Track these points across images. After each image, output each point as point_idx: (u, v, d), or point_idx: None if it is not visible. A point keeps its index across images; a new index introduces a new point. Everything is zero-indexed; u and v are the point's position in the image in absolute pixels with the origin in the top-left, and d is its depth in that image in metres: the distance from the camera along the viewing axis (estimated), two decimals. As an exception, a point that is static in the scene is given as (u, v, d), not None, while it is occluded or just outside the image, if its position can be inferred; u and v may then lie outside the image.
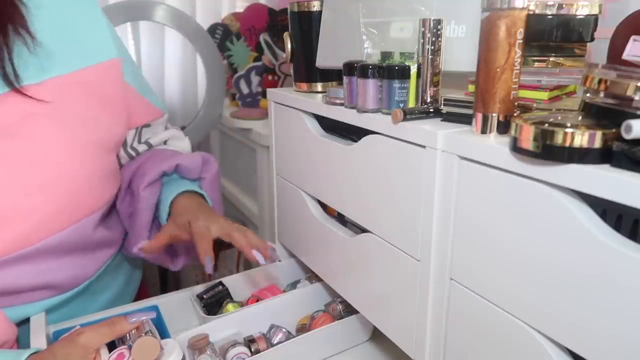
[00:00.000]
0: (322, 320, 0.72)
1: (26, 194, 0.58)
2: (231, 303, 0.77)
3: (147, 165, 0.75)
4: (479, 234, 0.43)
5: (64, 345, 0.54)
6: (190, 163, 0.77)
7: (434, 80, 0.52)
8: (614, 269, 0.33)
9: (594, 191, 0.33)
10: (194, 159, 0.78)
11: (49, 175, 0.60)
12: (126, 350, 0.56)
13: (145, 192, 0.73)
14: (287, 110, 0.75)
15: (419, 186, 0.49)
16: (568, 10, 0.45)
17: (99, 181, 0.67)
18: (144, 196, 0.73)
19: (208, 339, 0.66)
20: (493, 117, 0.42)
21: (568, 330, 0.37)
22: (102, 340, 0.55)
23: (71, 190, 0.62)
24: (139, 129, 0.79)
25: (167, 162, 0.75)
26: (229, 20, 1.89)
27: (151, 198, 0.74)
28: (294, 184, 0.77)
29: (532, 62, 0.47)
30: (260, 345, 0.68)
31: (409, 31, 0.57)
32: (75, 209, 0.64)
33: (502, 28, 0.40)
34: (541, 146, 0.35)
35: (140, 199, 0.73)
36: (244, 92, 1.66)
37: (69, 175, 0.62)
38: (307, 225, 0.74)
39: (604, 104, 0.36)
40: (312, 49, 0.73)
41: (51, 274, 0.65)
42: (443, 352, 0.50)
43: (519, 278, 0.40)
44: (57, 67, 0.62)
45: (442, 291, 0.49)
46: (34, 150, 0.59)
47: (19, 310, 0.64)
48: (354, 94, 0.57)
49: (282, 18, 1.56)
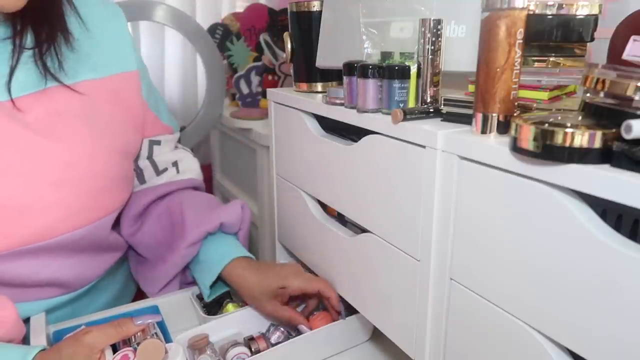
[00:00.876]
0: (321, 317, 0.72)
1: (55, 188, 0.61)
2: (231, 303, 0.77)
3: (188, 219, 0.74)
4: (479, 234, 0.43)
5: (70, 343, 0.54)
6: (231, 219, 0.75)
7: (434, 80, 0.52)
8: (614, 269, 0.33)
9: (594, 191, 0.33)
10: (233, 212, 0.76)
11: (78, 172, 0.62)
12: (131, 352, 0.56)
13: (187, 250, 0.73)
14: (287, 110, 0.75)
15: (419, 186, 0.49)
16: (568, 10, 0.45)
17: (117, 183, 0.69)
18: (184, 254, 0.73)
19: (208, 339, 0.66)
20: (493, 117, 0.42)
21: (568, 330, 0.37)
22: (107, 340, 0.55)
23: (95, 188, 0.65)
24: (150, 145, 0.79)
25: (210, 221, 0.73)
26: (229, 20, 1.89)
27: (190, 256, 0.74)
28: (294, 184, 0.77)
29: (532, 62, 0.47)
30: (260, 344, 0.68)
31: (409, 31, 0.57)
32: (97, 208, 0.66)
33: (502, 28, 0.40)
34: (541, 146, 0.35)
35: (180, 256, 0.73)
36: (244, 92, 1.66)
37: (94, 174, 0.64)
38: (307, 225, 0.74)
39: (604, 104, 0.36)
40: (312, 49, 0.73)
41: (62, 270, 0.66)
42: (443, 352, 0.50)
43: (519, 278, 0.40)
44: (90, 71, 0.65)
45: (442, 291, 0.49)
46: (63, 147, 0.61)
47: (24, 307, 0.65)
48: (354, 94, 0.57)
49: (282, 18, 1.56)
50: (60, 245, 0.64)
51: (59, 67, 0.61)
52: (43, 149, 0.60)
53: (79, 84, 0.64)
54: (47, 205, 0.61)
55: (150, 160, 0.79)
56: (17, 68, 0.59)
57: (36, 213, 0.60)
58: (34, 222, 0.60)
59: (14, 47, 0.59)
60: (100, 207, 0.67)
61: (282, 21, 1.56)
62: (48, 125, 0.61)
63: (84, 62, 0.65)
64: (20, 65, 0.60)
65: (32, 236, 0.61)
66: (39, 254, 0.63)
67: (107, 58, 0.69)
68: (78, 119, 0.63)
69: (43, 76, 0.60)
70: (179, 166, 0.83)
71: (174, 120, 0.84)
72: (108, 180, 0.66)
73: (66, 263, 0.66)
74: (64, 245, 0.64)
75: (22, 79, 0.60)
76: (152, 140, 0.79)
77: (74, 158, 0.62)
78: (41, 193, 0.60)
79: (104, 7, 0.72)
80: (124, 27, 0.73)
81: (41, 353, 0.54)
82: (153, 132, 0.79)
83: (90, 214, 0.65)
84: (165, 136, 0.81)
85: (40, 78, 0.60)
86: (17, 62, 0.59)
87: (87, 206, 0.64)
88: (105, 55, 0.68)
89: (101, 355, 0.55)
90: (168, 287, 0.78)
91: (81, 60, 0.65)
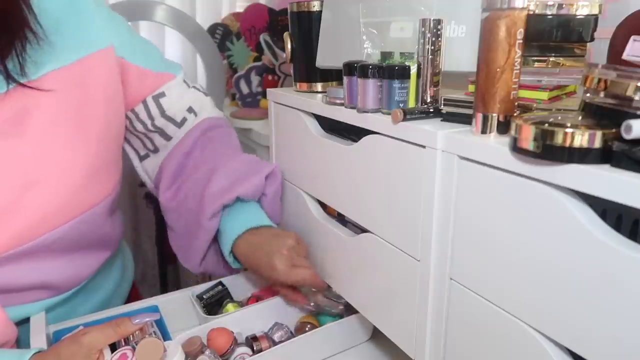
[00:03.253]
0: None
1: (27, 190, 0.58)
2: (231, 303, 0.77)
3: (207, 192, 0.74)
4: (479, 234, 0.43)
5: (68, 344, 0.54)
6: (249, 192, 0.75)
7: (434, 80, 0.52)
8: (614, 269, 0.33)
9: (594, 191, 0.33)
10: (254, 183, 0.75)
11: (49, 171, 0.60)
12: (129, 351, 0.56)
13: (210, 222, 0.73)
14: (287, 110, 0.75)
15: (419, 186, 0.49)
16: (568, 10, 0.45)
17: (99, 174, 0.66)
18: (209, 227, 0.73)
19: (202, 342, 0.66)
20: (493, 117, 0.42)
21: (568, 330, 0.37)
22: (106, 340, 0.55)
23: (74, 184, 0.62)
24: (156, 100, 0.76)
25: (227, 193, 0.73)
26: (229, 20, 1.89)
27: (215, 227, 0.74)
28: (294, 184, 0.77)
29: (532, 62, 0.47)
30: (263, 343, 0.68)
31: (409, 31, 0.57)
32: (78, 203, 0.64)
33: (502, 28, 0.40)
34: (541, 146, 0.35)
35: (205, 230, 0.74)
36: (244, 92, 1.65)
37: (68, 171, 0.62)
38: (307, 225, 0.74)
39: (604, 104, 0.36)
40: (312, 49, 0.73)
41: (50, 273, 0.65)
42: (443, 352, 0.50)
43: (518, 278, 0.40)
44: (54, 61, 0.62)
45: (442, 291, 0.49)
46: (34, 146, 0.59)
47: (16, 310, 0.64)
48: (354, 94, 0.57)
49: (282, 18, 1.56)
50: (42, 247, 0.62)
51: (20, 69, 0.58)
52: (12, 150, 0.58)
53: (44, 77, 0.60)
54: (21, 207, 0.58)
55: (165, 117, 0.77)
56: None
57: (10, 217, 0.58)
58: (10, 227, 0.58)
59: None
60: (81, 202, 0.64)
61: (282, 21, 1.55)
62: (17, 126, 0.58)
63: (47, 53, 0.61)
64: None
65: (9, 241, 0.58)
66: (20, 258, 0.60)
67: (72, 42, 0.64)
68: (47, 115, 0.60)
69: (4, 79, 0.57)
70: (195, 109, 0.81)
71: (170, 62, 0.80)
72: (88, 172, 0.64)
73: (53, 264, 0.65)
74: (46, 246, 0.62)
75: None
76: (154, 96, 0.76)
77: (47, 156, 0.60)
78: (13, 196, 0.58)
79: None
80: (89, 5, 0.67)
81: (39, 354, 0.53)
82: (150, 88, 0.75)
83: (70, 210, 0.63)
84: (166, 84, 0.77)
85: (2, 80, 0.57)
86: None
87: (65, 204, 0.62)
88: (69, 40, 0.64)
89: (100, 355, 0.55)
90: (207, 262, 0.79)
91: (45, 52, 0.61)
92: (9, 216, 0.58)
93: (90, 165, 0.64)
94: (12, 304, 0.64)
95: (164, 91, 0.77)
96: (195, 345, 0.64)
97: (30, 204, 0.59)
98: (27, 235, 0.60)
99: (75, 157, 0.62)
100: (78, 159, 0.62)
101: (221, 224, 0.74)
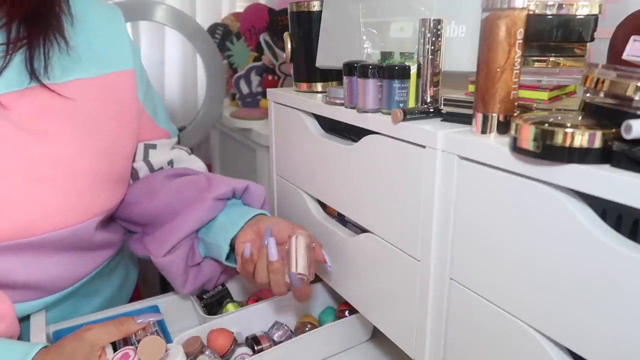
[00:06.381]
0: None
1: (31, 185, 0.60)
2: (231, 303, 0.77)
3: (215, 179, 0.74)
4: (479, 234, 0.43)
5: (72, 340, 0.55)
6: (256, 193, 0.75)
7: (434, 80, 0.52)
8: (614, 269, 0.33)
9: (594, 191, 0.33)
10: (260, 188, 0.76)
11: (55, 171, 0.61)
12: (131, 351, 0.56)
13: (214, 202, 0.71)
14: (287, 110, 0.75)
15: (419, 186, 0.49)
16: (568, 10, 0.45)
17: (106, 185, 0.67)
18: (211, 206, 0.71)
19: (201, 341, 0.66)
20: (493, 117, 0.42)
21: (568, 330, 0.37)
22: (109, 338, 0.56)
23: (78, 189, 0.63)
24: (146, 148, 0.78)
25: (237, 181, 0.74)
26: (229, 20, 1.89)
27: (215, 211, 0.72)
28: (294, 184, 0.77)
29: (532, 62, 0.47)
30: (264, 343, 0.68)
31: (409, 31, 0.57)
32: (82, 209, 0.64)
33: (502, 28, 0.40)
34: (541, 146, 0.35)
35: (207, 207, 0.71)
36: (244, 92, 1.66)
37: (77, 174, 0.63)
38: (307, 225, 0.74)
39: (604, 104, 0.36)
40: (312, 49, 0.73)
41: (46, 270, 0.65)
42: (443, 352, 0.50)
43: (519, 278, 0.40)
44: (82, 71, 0.65)
45: (442, 291, 0.49)
46: (44, 145, 0.60)
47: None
48: (354, 94, 0.57)
49: (282, 18, 1.56)
50: (42, 244, 0.62)
51: (44, 69, 0.61)
52: (25, 145, 0.59)
53: (69, 83, 0.63)
54: (23, 202, 0.59)
55: (146, 161, 0.78)
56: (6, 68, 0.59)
57: (15, 208, 0.59)
58: (8, 218, 0.59)
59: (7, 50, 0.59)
60: (86, 209, 0.65)
61: (282, 21, 1.55)
62: (32, 122, 0.60)
63: (76, 61, 0.64)
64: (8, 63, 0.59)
65: (11, 231, 0.59)
66: (19, 250, 0.61)
67: (101, 57, 0.68)
68: (63, 118, 0.62)
69: (28, 76, 0.60)
70: (174, 164, 0.81)
71: (172, 125, 0.83)
72: (93, 180, 0.64)
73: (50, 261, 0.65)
74: (46, 244, 0.62)
75: (7, 76, 0.59)
76: (147, 144, 0.78)
77: (56, 156, 0.61)
78: (18, 189, 0.59)
79: (101, 6, 0.71)
80: (121, 27, 0.72)
81: (43, 350, 0.54)
82: (149, 136, 0.78)
83: (75, 215, 0.63)
84: (161, 140, 0.79)
85: (25, 76, 0.60)
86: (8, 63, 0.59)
87: (71, 207, 0.62)
88: (99, 55, 0.68)
89: (102, 353, 0.55)
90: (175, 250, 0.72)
91: (73, 59, 0.64)
92: (16, 207, 0.59)
93: (96, 174, 0.65)
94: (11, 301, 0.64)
95: (156, 144, 0.79)
96: (195, 345, 0.64)
97: (31, 199, 0.60)
98: (25, 230, 0.60)
99: (83, 163, 0.63)
100: (85, 166, 0.63)
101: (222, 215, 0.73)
